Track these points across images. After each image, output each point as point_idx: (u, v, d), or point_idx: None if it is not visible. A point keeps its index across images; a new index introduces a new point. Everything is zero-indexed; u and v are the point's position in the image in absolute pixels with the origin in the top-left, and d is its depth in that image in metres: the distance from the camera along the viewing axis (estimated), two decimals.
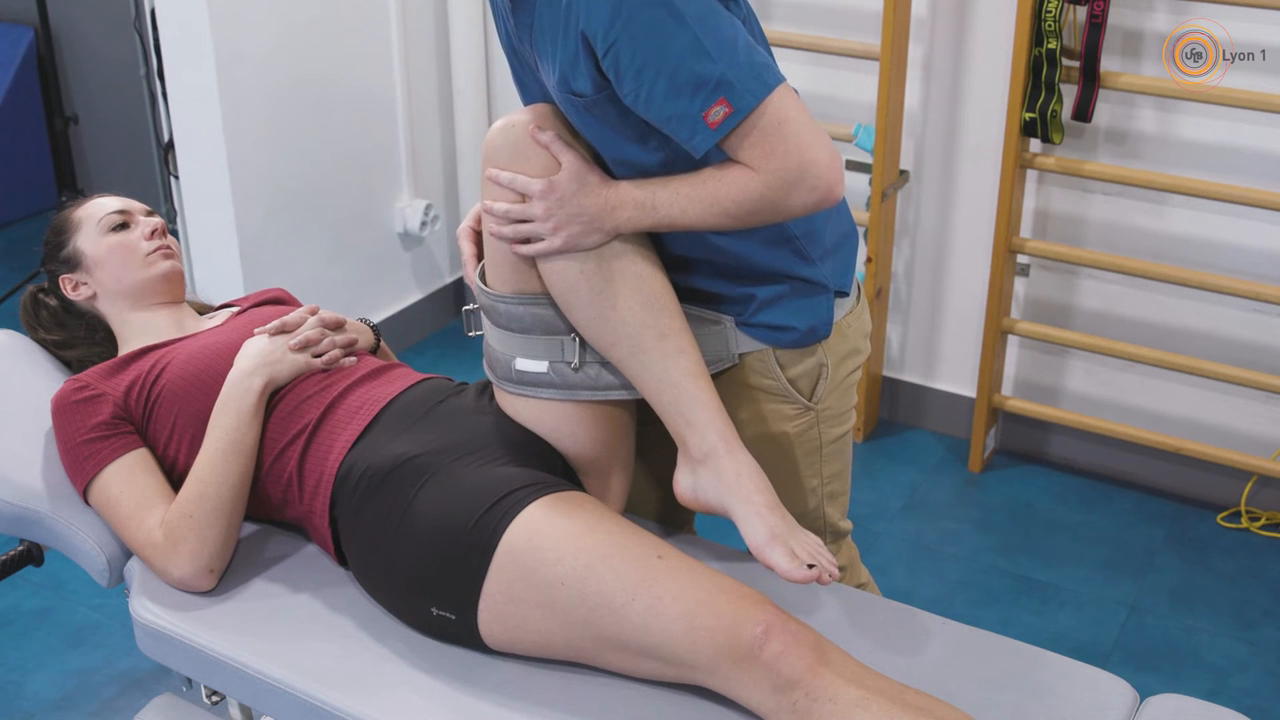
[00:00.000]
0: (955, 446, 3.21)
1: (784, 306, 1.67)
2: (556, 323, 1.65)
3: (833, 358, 1.73)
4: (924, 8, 2.90)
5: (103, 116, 4.50)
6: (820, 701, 1.39)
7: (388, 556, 1.61)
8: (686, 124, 1.45)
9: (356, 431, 1.72)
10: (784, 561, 1.55)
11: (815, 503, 1.81)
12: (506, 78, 3.57)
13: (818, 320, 1.69)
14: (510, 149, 1.57)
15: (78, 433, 1.75)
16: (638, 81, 1.44)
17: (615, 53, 1.42)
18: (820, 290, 1.69)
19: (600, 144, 1.56)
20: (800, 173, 1.47)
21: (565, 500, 1.58)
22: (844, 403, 1.79)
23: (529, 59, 1.58)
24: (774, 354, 1.70)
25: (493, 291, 1.66)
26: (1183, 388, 2.96)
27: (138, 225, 1.97)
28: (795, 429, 1.74)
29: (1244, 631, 2.60)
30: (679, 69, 1.42)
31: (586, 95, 1.49)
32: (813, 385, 1.73)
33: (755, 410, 1.73)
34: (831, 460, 1.80)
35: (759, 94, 1.44)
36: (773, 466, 1.70)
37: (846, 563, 1.91)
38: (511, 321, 1.66)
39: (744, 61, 1.43)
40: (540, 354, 1.67)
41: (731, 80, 1.42)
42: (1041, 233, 2.97)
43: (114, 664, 2.51)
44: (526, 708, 1.51)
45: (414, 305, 3.70)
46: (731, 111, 1.43)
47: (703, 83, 1.42)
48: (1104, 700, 1.54)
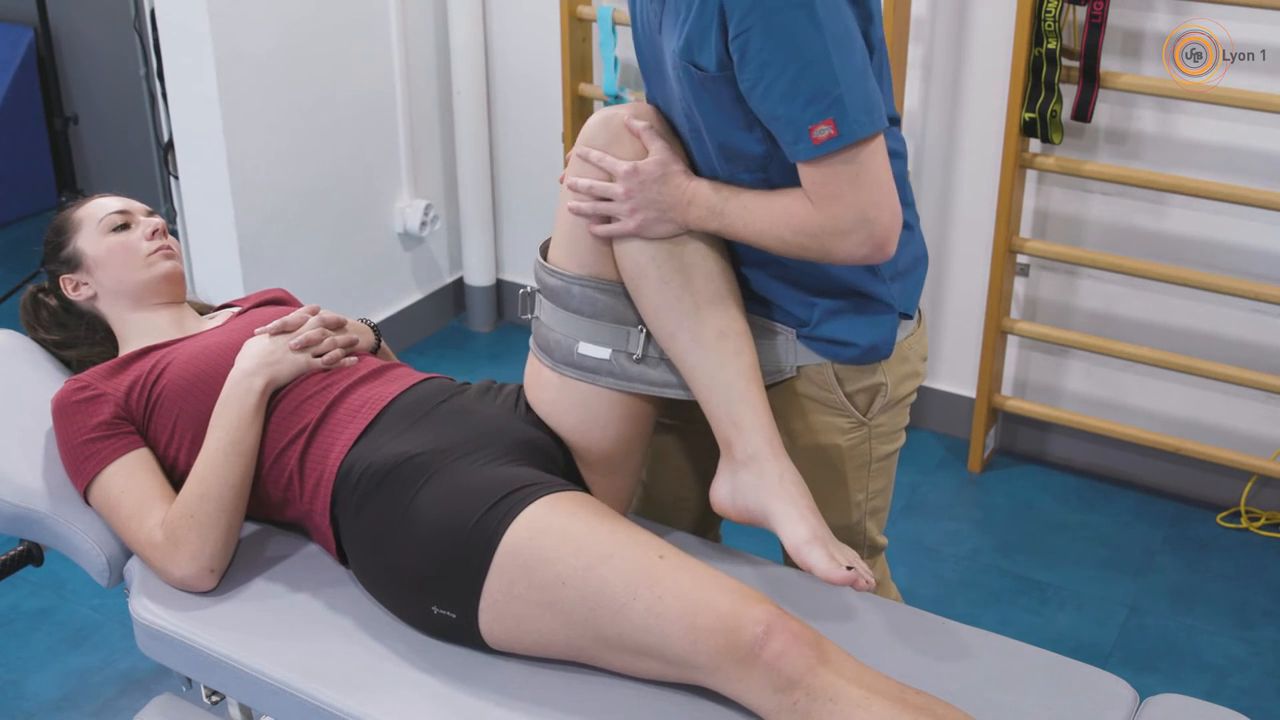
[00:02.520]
0: (955, 446, 3.21)
1: (846, 321, 1.68)
2: (626, 312, 1.68)
3: (892, 378, 1.73)
4: (924, 8, 2.90)
5: (103, 116, 4.50)
6: (821, 701, 1.39)
7: (388, 556, 1.61)
8: (791, 130, 1.47)
9: (357, 431, 1.72)
10: (824, 561, 1.56)
11: (858, 516, 1.82)
12: (507, 78, 3.57)
13: (880, 339, 1.70)
14: (607, 135, 1.63)
15: (78, 433, 1.75)
16: (759, 73, 1.45)
17: (746, 38, 1.44)
18: (885, 309, 1.69)
19: (708, 123, 1.58)
20: (856, 225, 1.50)
21: (566, 500, 1.58)
22: (897, 421, 1.80)
23: (653, 21, 1.59)
24: (833, 369, 1.71)
25: (567, 273, 1.68)
26: (1183, 388, 2.96)
27: (138, 225, 1.97)
28: (847, 443, 1.75)
29: (1243, 631, 2.60)
30: (802, 75, 1.43)
31: (707, 71, 1.50)
32: (869, 402, 1.74)
33: (809, 421, 1.74)
34: (878, 476, 1.81)
35: (866, 129, 1.46)
36: (821, 478, 1.73)
37: (880, 578, 1.91)
38: (583, 305, 1.68)
39: (863, 92, 1.45)
40: (605, 341, 1.69)
41: (846, 105, 1.44)
42: (1041, 233, 2.97)
43: (114, 664, 2.51)
44: (527, 707, 1.51)
45: (414, 305, 3.71)
46: (836, 135, 1.45)
47: (819, 96, 1.44)
48: (1104, 700, 1.54)
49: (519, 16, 3.49)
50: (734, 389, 1.63)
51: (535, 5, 3.42)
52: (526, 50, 3.51)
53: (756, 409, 1.63)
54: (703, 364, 1.63)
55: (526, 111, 3.59)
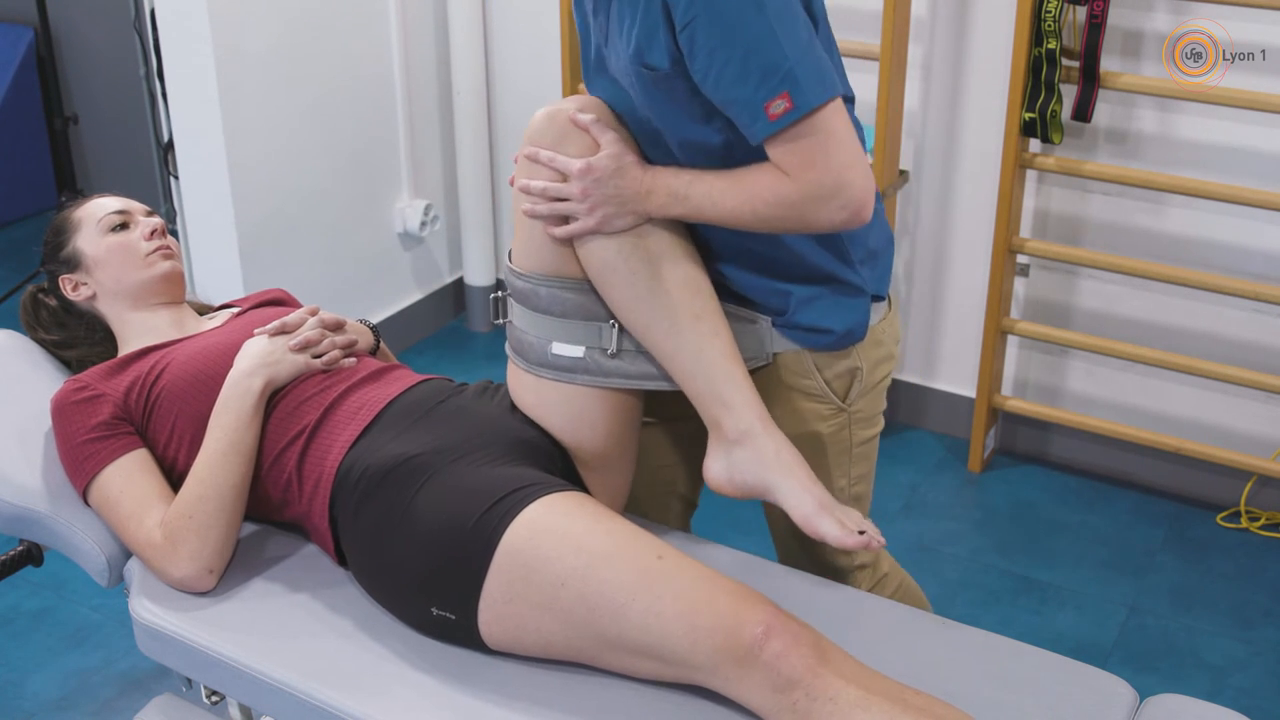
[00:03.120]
0: (955, 446, 3.21)
1: (821, 308, 1.69)
2: (595, 309, 1.68)
3: (867, 362, 1.75)
4: (924, 8, 2.90)
5: (103, 116, 4.50)
6: (820, 701, 1.39)
7: (387, 556, 1.61)
8: (748, 110, 1.48)
9: (356, 432, 1.72)
10: (835, 529, 1.57)
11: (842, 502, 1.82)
12: (507, 78, 3.57)
13: (854, 323, 1.71)
14: (554, 133, 1.61)
15: (78, 433, 1.75)
16: (709, 60, 1.47)
17: (692, 29, 1.46)
18: (857, 294, 1.71)
19: (664, 122, 1.58)
20: (835, 189, 1.50)
21: (566, 500, 1.58)
22: (875, 406, 1.81)
23: (599, 33, 1.60)
24: (811, 357, 1.72)
25: (532, 275, 1.67)
26: (1183, 388, 2.96)
27: (138, 225, 1.97)
28: (828, 429, 1.76)
29: (1243, 631, 2.60)
30: (750, 55, 1.45)
31: (660, 69, 1.51)
32: (847, 387, 1.75)
33: (789, 409, 1.75)
34: (860, 462, 1.82)
35: (820, 96, 1.47)
36: None
37: (869, 559, 1.92)
38: (551, 305, 1.68)
39: (812, 63, 1.47)
40: (578, 339, 1.68)
41: (798, 77, 1.45)
42: (1041, 233, 2.97)
43: (114, 664, 2.51)
44: (526, 708, 1.51)
45: (413, 305, 3.71)
46: (792, 108, 1.46)
47: (770, 73, 1.45)
48: (1104, 700, 1.54)
49: (519, 16, 3.49)
50: (717, 369, 1.63)
51: (535, 5, 3.42)
52: (526, 50, 3.51)
53: (742, 386, 1.63)
54: (682, 349, 1.63)
55: (526, 111, 3.57)
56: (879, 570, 1.92)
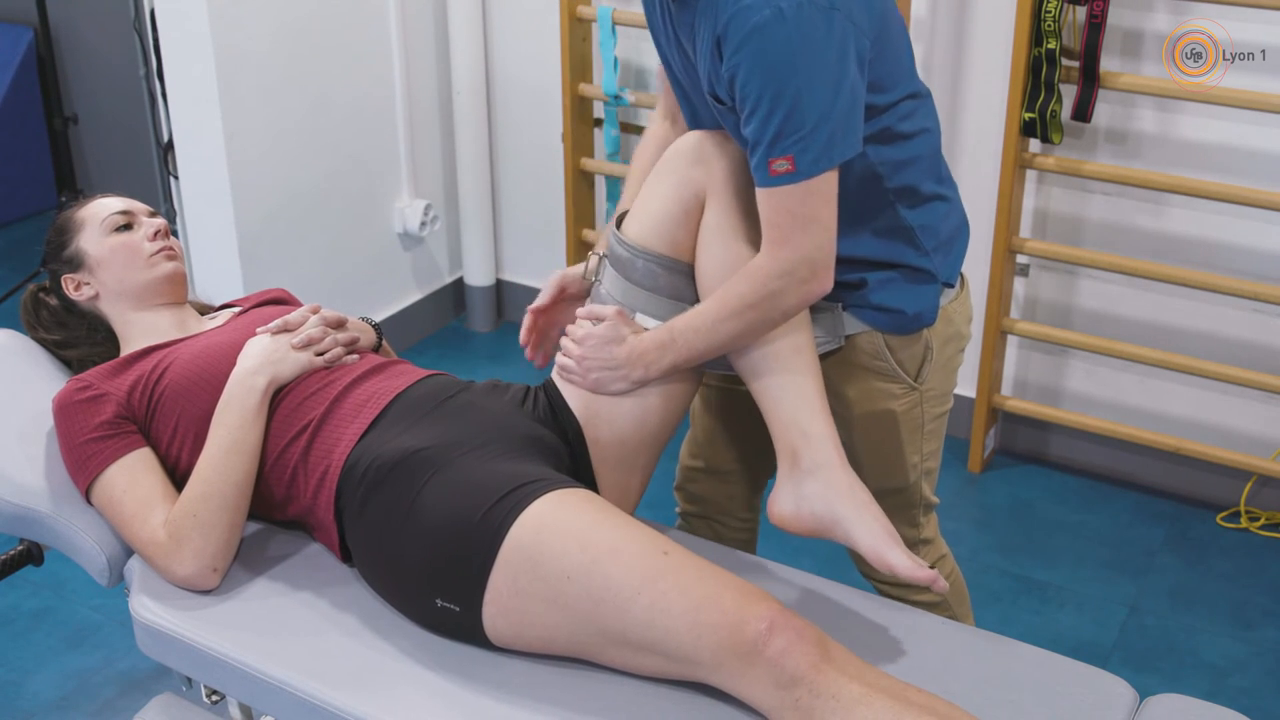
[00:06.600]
0: (955, 446, 3.21)
1: (893, 290, 1.75)
2: (685, 291, 1.73)
3: (937, 341, 1.80)
4: (924, 8, 2.90)
5: (103, 116, 4.50)
6: (823, 698, 1.40)
7: (393, 549, 1.61)
8: (756, 157, 1.58)
9: (363, 425, 1.72)
10: (905, 561, 1.61)
11: (915, 477, 1.89)
12: (507, 78, 3.57)
13: (924, 307, 1.76)
14: None
15: (80, 432, 1.75)
16: (743, 98, 1.56)
17: (734, 73, 1.55)
18: (929, 279, 1.76)
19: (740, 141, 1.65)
20: (800, 263, 1.60)
21: (572, 496, 1.58)
22: (946, 384, 1.87)
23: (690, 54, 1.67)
24: (883, 338, 1.77)
25: (635, 245, 1.72)
26: (1183, 388, 2.96)
27: (141, 226, 1.97)
28: (901, 407, 1.82)
29: (1243, 631, 2.60)
30: (775, 111, 1.53)
31: (727, 104, 1.61)
32: (918, 366, 1.80)
33: (863, 389, 1.80)
34: (931, 438, 1.89)
35: (819, 168, 1.55)
36: (878, 442, 1.83)
37: (932, 535, 1.99)
38: (644, 279, 1.73)
39: (827, 133, 1.54)
40: (661, 314, 1.73)
41: (809, 145, 1.54)
42: (1041, 233, 2.97)
43: (114, 664, 2.51)
44: (529, 705, 1.51)
45: (413, 305, 3.71)
46: (793, 171, 1.55)
47: (786, 133, 1.53)
48: (1104, 700, 1.54)
49: (519, 16, 3.49)
50: (805, 400, 1.68)
51: (535, 5, 3.42)
52: (526, 50, 3.51)
53: (825, 420, 1.68)
54: (776, 376, 1.69)
55: (526, 111, 3.59)
56: (939, 550, 2.00)
